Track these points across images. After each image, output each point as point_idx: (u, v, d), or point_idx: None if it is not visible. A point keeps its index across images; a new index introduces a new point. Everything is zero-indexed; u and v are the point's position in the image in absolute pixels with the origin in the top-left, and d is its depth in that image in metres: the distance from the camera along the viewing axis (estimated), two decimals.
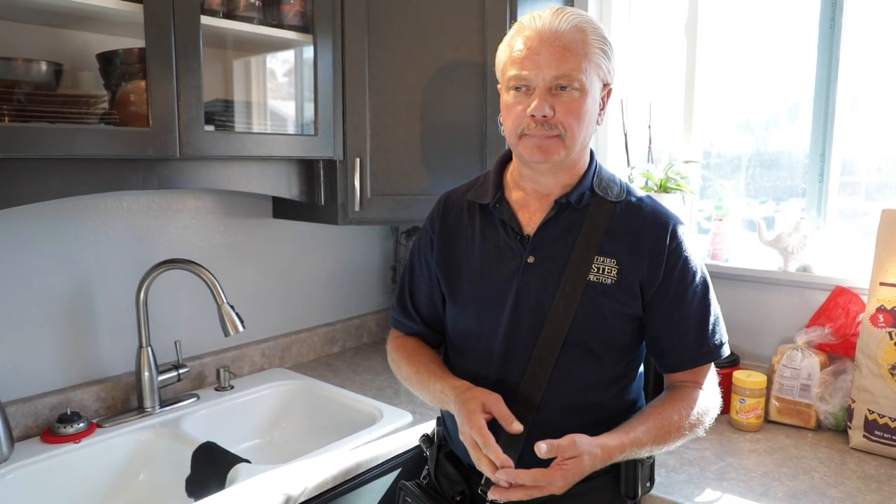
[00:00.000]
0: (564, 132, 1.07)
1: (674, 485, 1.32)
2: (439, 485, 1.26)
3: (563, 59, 1.04)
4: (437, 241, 1.24)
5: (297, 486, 1.29)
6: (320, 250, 2.12)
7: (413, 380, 1.24)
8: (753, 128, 1.95)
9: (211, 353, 1.83)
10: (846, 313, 1.59)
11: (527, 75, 1.06)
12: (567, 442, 0.98)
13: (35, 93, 1.27)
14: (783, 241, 1.68)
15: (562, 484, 0.98)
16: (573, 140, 1.08)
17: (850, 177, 1.75)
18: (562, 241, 1.13)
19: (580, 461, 0.98)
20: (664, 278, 1.12)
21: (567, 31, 1.06)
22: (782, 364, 1.60)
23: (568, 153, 1.09)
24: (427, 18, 1.71)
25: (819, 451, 1.48)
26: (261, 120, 1.71)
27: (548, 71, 1.05)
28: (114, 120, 1.34)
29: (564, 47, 1.05)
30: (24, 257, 1.47)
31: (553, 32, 1.06)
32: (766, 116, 1.92)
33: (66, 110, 1.28)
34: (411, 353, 1.27)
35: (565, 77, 1.05)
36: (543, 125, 1.06)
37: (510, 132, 1.11)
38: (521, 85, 1.08)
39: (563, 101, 1.06)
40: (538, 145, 1.08)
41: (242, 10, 1.51)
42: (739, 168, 1.95)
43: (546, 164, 1.10)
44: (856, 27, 1.67)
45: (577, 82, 1.05)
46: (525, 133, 1.08)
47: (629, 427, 1.06)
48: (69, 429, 1.46)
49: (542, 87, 1.06)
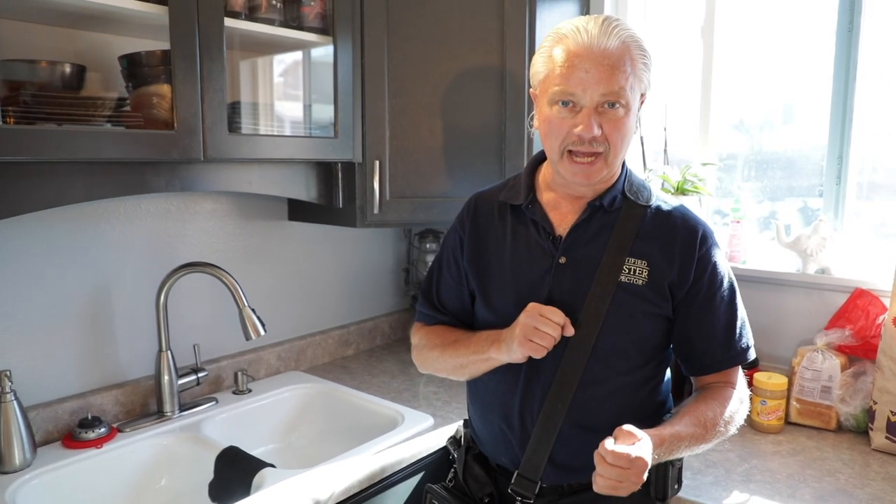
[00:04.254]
0: (609, 149, 1.07)
1: (700, 487, 1.32)
2: (467, 486, 1.26)
3: (613, 78, 1.03)
4: (468, 240, 1.24)
5: (325, 490, 1.28)
6: (334, 253, 2.11)
7: (442, 358, 1.24)
8: (769, 129, 1.96)
9: (227, 357, 1.82)
10: (866, 315, 1.60)
11: (574, 92, 1.05)
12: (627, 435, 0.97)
13: (59, 95, 1.26)
14: (802, 244, 1.69)
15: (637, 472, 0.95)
16: (616, 156, 1.09)
17: (869, 177, 1.76)
18: (594, 242, 1.13)
19: (644, 444, 0.96)
20: (693, 283, 1.12)
21: (615, 49, 1.04)
22: (803, 366, 1.61)
23: (609, 170, 1.10)
24: (446, 21, 1.71)
25: (841, 452, 1.48)
26: (279, 122, 1.70)
27: (596, 89, 1.03)
28: (137, 123, 1.33)
29: (613, 66, 1.03)
30: (43, 261, 1.46)
31: (602, 51, 1.03)
32: (782, 117, 1.93)
33: (90, 113, 1.27)
34: (436, 335, 1.27)
35: (613, 94, 1.04)
36: (591, 143, 1.06)
37: (553, 147, 1.10)
38: (567, 100, 1.06)
39: (608, 118, 1.06)
40: (581, 171, 1.08)
41: (264, 11, 1.51)
42: (755, 169, 1.96)
43: (588, 186, 1.11)
44: (874, 30, 1.68)
45: (623, 99, 1.05)
46: (569, 149, 1.08)
47: (668, 424, 1.06)
48: (90, 434, 1.45)
49: (589, 106, 1.05)
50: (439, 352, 1.25)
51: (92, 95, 1.34)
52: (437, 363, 1.27)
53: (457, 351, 1.21)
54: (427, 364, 1.30)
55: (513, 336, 1.09)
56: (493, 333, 1.16)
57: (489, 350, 1.14)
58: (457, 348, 1.21)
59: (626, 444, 0.95)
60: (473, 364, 1.18)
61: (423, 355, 1.30)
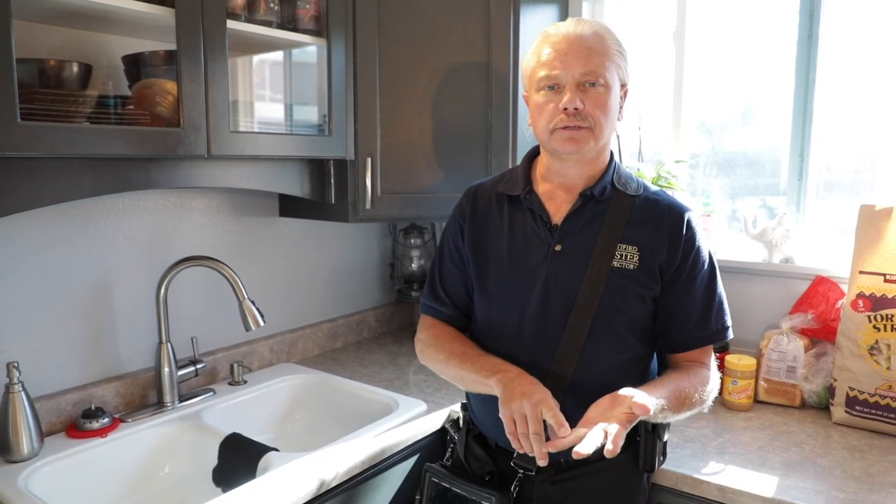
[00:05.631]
0: (594, 124, 1.17)
1: (680, 459, 1.42)
2: (469, 465, 1.33)
3: (589, 59, 1.16)
4: (468, 228, 1.32)
5: (330, 471, 1.35)
6: (322, 249, 2.17)
7: (447, 365, 1.29)
8: (729, 130, 2.08)
9: (222, 349, 1.86)
10: (826, 300, 1.73)
11: (557, 74, 1.17)
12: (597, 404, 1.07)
13: (67, 93, 1.30)
14: (768, 235, 1.81)
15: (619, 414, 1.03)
16: (601, 131, 1.19)
17: (824, 176, 1.90)
18: (587, 230, 1.22)
19: (616, 395, 1.06)
20: (680, 263, 1.22)
21: (589, 35, 1.18)
22: (770, 348, 1.73)
23: (596, 143, 1.20)
24: (435, 23, 1.78)
25: (805, 426, 1.61)
26: (275, 121, 1.75)
27: (576, 69, 1.16)
28: (144, 120, 1.37)
29: (589, 48, 1.17)
30: (46, 256, 1.49)
31: (578, 36, 1.18)
32: (741, 119, 2.06)
33: (97, 111, 1.31)
34: (444, 340, 1.32)
35: (592, 74, 1.16)
36: (575, 117, 1.16)
37: (542, 129, 1.21)
38: (552, 84, 1.18)
39: (590, 95, 1.17)
40: (571, 137, 1.18)
41: (262, 13, 1.56)
42: (716, 168, 2.08)
43: (578, 153, 1.20)
44: (831, 41, 1.82)
45: (602, 78, 1.17)
46: (557, 127, 1.18)
47: (650, 389, 1.12)
48: (94, 424, 1.49)
49: (571, 83, 1.17)
50: (445, 357, 1.29)
51: (98, 93, 1.37)
52: (440, 367, 1.32)
53: (462, 365, 1.25)
54: (429, 363, 1.35)
55: (510, 395, 1.10)
56: (499, 363, 1.19)
57: (491, 378, 1.16)
58: (462, 361, 1.25)
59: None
60: (473, 383, 1.23)
61: (427, 354, 1.35)
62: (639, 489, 1.29)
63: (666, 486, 1.37)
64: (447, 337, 1.33)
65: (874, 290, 1.57)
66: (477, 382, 1.22)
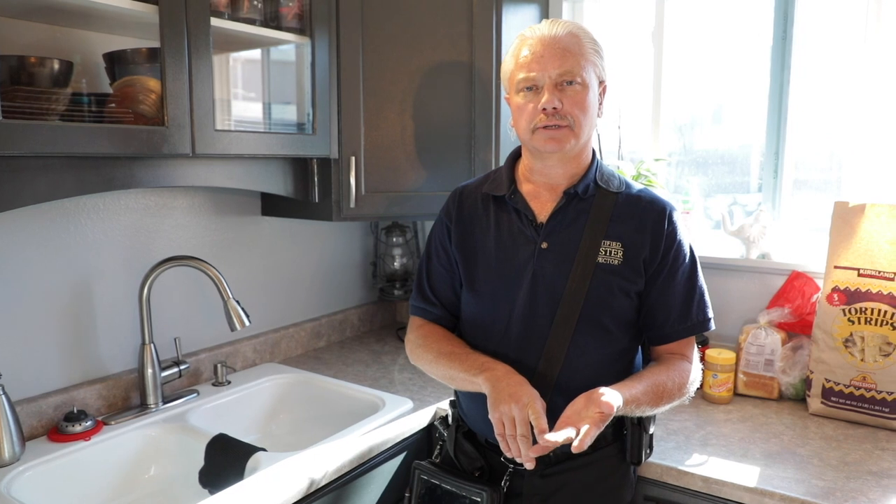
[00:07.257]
0: (573, 122, 1.19)
1: (665, 451, 1.45)
2: (458, 462, 1.34)
3: (565, 59, 1.19)
4: (455, 229, 1.33)
5: (319, 470, 1.35)
6: (304, 248, 2.16)
7: (436, 364, 1.30)
8: (699, 129, 2.13)
9: (206, 350, 1.85)
10: (802, 295, 1.77)
11: (534, 76, 1.20)
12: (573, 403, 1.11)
13: (48, 90, 1.27)
14: (745, 232, 1.85)
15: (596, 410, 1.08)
16: (581, 129, 1.21)
17: (796, 174, 1.95)
18: (572, 227, 1.24)
19: (591, 394, 1.10)
20: (662, 257, 1.25)
21: (564, 36, 1.21)
22: (748, 342, 1.77)
23: (577, 141, 1.22)
24: (418, 22, 1.79)
25: (783, 417, 1.65)
26: (260, 119, 1.74)
27: (553, 69, 1.18)
28: (128, 118, 1.35)
29: (565, 48, 1.19)
30: (25, 256, 1.47)
31: (553, 37, 1.20)
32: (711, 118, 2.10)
33: (78, 108, 1.29)
34: (433, 340, 1.33)
35: (568, 73, 1.18)
36: (555, 116, 1.18)
37: (524, 129, 1.22)
38: (530, 85, 1.21)
39: (568, 94, 1.19)
40: (551, 136, 1.20)
41: (245, 11, 1.55)
42: (697, 165, 2.12)
43: (559, 152, 1.22)
44: (805, 42, 1.86)
45: (578, 77, 1.19)
46: (538, 127, 1.20)
47: (628, 385, 1.16)
48: (77, 427, 1.46)
49: (549, 83, 1.19)
50: (433, 356, 1.31)
51: (79, 91, 1.35)
52: (429, 367, 1.33)
53: (450, 364, 1.26)
54: (418, 362, 1.36)
55: (498, 397, 1.13)
56: (486, 361, 1.22)
57: (479, 376, 1.19)
58: (451, 360, 1.27)
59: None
60: (462, 382, 1.25)
61: (417, 353, 1.36)
62: (626, 481, 1.31)
63: (651, 479, 1.40)
64: (436, 337, 1.34)
65: (848, 284, 1.62)
66: (465, 381, 1.24)
